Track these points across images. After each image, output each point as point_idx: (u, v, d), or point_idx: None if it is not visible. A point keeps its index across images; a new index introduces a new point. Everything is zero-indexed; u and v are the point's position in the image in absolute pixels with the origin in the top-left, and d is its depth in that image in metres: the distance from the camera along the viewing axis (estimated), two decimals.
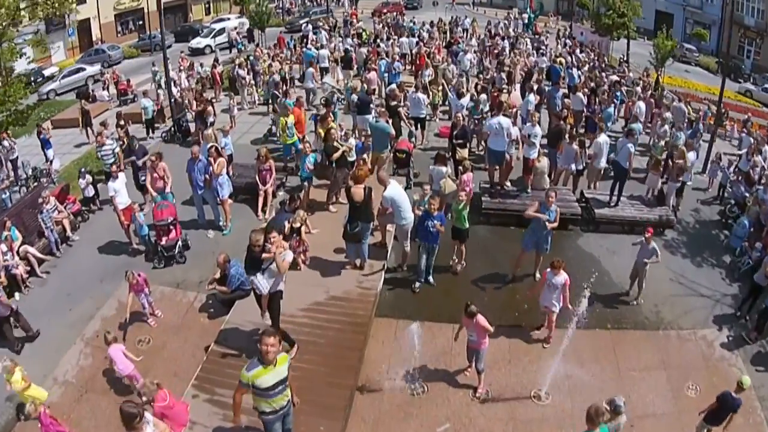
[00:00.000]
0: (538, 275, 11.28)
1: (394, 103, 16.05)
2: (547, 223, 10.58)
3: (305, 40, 30.39)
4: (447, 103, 19.72)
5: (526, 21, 40.04)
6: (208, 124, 17.40)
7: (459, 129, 14.24)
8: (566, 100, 17.33)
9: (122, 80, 25.98)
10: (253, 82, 22.20)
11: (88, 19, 40.02)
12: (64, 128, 21.84)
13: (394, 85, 19.06)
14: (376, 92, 20.73)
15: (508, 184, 14.18)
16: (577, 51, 30.04)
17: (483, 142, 15.77)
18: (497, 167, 13.63)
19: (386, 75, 21.57)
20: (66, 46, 38.24)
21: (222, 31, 36.27)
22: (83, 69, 30.51)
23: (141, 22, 43.90)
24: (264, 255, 8.29)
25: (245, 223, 13.23)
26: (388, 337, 10.03)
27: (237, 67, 22.26)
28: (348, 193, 10.10)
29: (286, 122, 14.87)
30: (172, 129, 19.35)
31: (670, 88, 28.51)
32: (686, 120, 18.97)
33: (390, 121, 14.40)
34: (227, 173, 13.78)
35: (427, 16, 40.72)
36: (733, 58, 40.17)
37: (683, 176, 14.01)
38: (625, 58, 30.33)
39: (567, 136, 14.35)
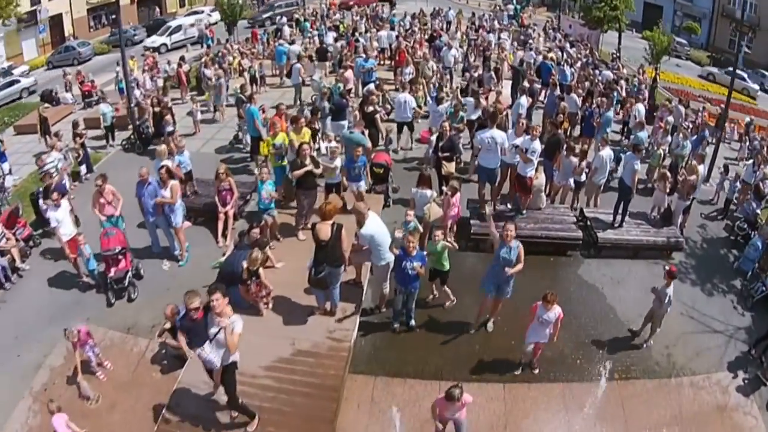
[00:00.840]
0: (491, 325, 9.87)
1: (370, 109, 14.47)
2: (506, 268, 8.80)
3: (279, 33, 28.69)
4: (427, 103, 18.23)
5: (512, 12, 38.53)
6: (166, 134, 15.80)
7: (445, 140, 12.70)
8: (562, 103, 15.81)
9: (87, 81, 23.82)
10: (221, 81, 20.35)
11: (60, 14, 38.18)
12: (28, 134, 19.92)
13: (372, 86, 17.53)
14: (352, 92, 19.26)
15: (502, 205, 12.69)
16: (567, 45, 28.46)
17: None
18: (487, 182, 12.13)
19: (361, 74, 19.95)
20: (38, 43, 36.50)
21: (179, 28, 34.19)
22: (17, 81, 28.35)
23: (114, 16, 41.78)
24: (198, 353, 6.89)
25: (204, 251, 11.81)
26: (364, 399, 8.57)
27: (202, 66, 20.52)
28: (312, 231, 8.50)
29: (273, 143, 12.47)
30: (132, 137, 17.58)
31: (663, 85, 27.26)
32: (685, 122, 17.65)
33: (366, 131, 12.87)
34: (185, 193, 12.38)
35: (407, 7, 38.80)
36: (724, 53, 39.21)
37: (694, 193, 12.70)
38: (617, 53, 28.81)
39: (565, 147, 12.84)
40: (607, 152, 12.55)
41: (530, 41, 28.37)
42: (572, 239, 11.82)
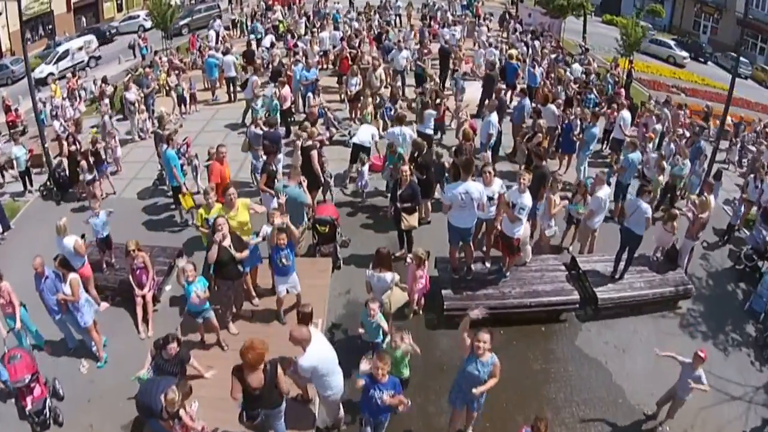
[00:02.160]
0: None
1: (309, 143, 12.09)
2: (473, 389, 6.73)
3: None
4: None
5: (465, 2, 36.09)
6: (84, 183, 13.40)
7: (405, 188, 10.35)
8: (540, 121, 13.66)
9: (12, 109, 20.60)
10: (143, 107, 17.77)
11: None
12: None
13: (313, 108, 15.21)
14: (293, 107, 17.08)
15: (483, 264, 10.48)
16: (529, 37, 26.01)
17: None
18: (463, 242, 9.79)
19: (302, 87, 17.72)
20: None
21: (66, 53, 30.87)
22: None
23: (51, 26, 38.30)
24: None
25: (125, 346, 9.56)
26: None
27: (124, 89, 17.86)
28: (239, 377, 6.15)
29: (206, 219, 9.44)
30: (48, 182, 14.83)
31: (635, 76, 25.43)
32: (679, 129, 15.88)
33: (305, 182, 10.64)
34: (98, 267, 10.40)
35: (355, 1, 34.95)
36: (689, 34, 37.97)
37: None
38: (585, 45, 26.73)
39: (550, 183, 10.76)
40: (605, 192, 10.56)
41: (487, 35, 26.14)
42: (567, 303, 9.87)
